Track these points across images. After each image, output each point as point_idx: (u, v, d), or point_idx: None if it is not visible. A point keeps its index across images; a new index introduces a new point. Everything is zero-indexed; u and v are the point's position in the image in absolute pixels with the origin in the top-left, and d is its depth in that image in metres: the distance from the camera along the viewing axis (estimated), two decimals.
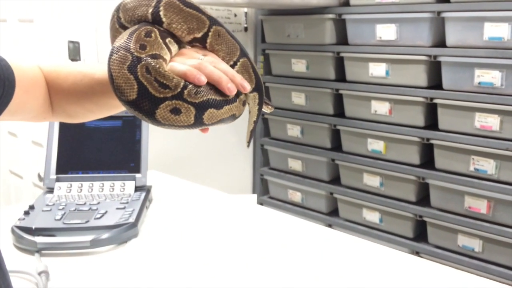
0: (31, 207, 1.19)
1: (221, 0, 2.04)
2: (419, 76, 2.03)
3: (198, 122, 0.61)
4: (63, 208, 1.18)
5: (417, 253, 2.12)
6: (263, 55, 2.58)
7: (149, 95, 0.58)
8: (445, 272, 1.02)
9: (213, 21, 0.67)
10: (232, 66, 0.67)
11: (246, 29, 2.61)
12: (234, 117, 0.66)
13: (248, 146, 0.74)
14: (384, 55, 2.10)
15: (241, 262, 1.04)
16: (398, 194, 2.18)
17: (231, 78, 0.63)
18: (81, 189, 1.29)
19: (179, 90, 0.59)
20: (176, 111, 0.59)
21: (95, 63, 0.76)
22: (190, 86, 0.60)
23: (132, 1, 0.67)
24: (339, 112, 2.35)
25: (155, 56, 0.61)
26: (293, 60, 2.43)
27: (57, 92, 0.75)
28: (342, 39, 2.29)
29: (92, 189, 1.29)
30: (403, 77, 2.08)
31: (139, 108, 0.59)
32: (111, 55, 0.61)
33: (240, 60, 0.68)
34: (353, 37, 2.21)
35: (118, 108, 0.74)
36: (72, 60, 2.05)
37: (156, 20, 0.65)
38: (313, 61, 2.37)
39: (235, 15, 2.55)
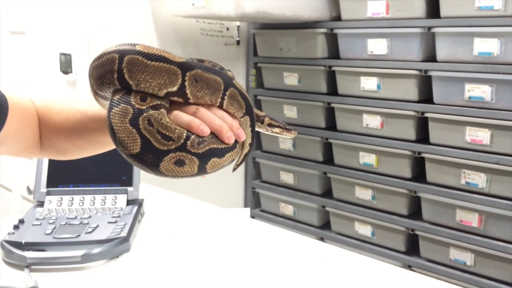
0: (21, 221, 1.17)
1: (213, 14, 2.05)
2: (410, 90, 2.05)
3: (201, 171, 0.60)
4: (53, 222, 1.16)
5: (409, 267, 2.12)
6: (255, 69, 2.59)
7: (153, 148, 0.57)
8: (437, 286, 1.02)
9: (185, 67, 0.61)
10: (221, 103, 0.64)
11: (238, 42, 2.62)
12: (233, 161, 0.65)
13: (234, 171, 0.70)
14: (376, 69, 2.12)
15: (233, 275, 1.03)
16: (390, 207, 2.18)
17: (229, 126, 0.62)
18: (72, 203, 1.27)
19: (182, 141, 0.58)
20: (180, 162, 0.58)
21: (88, 99, 0.74)
22: (193, 136, 0.59)
23: (95, 66, 0.63)
24: (331, 125, 2.35)
25: (156, 107, 0.59)
26: (285, 73, 2.44)
27: (48, 127, 0.73)
28: (334, 53, 2.31)
29: (83, 203, 1.27)
30: (395, 91, 2.10)
31: (143, 161, 0.58)
32: (111, 108, 0.59)
33: (226, 93, 0.64)
34: (345, 51, 2.23)
35: (109, 146, 0.72)
36: (64, 72, 2.04)
37: (124, 86, 0.60)
38: (305, 74, 2.38)
39: (228, 29, 2.56)
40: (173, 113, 0.61)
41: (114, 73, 0.60)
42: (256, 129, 0.69)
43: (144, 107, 0.58)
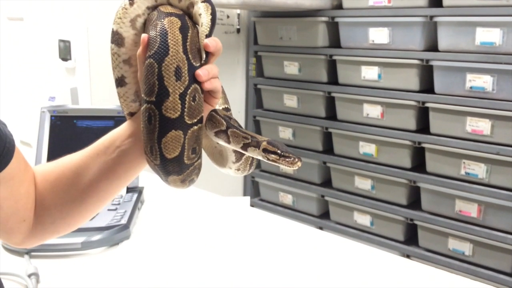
0: None
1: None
2: (411, 79, 2.04)
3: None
4: None
5: (407, 256, 2.13)
6: (255, 57, 2.57)
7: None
8: (435, 275, 1.02)
9: None
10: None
11: (238, 30, 2.61)
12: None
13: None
14: (377, 58, 2.11)
15: (233, 263, 1.03)
16: (389, 197, 2.18)
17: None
18: None
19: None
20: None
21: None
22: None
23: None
24: (331, 115, 2.35)
25: None
26: (285, 62, 2.43)
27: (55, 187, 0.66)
28: (335, 42, 2.29)
29: None
30: (395, 81, 2.09)
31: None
32: None
33: None
34: (346, 40, 2.21)
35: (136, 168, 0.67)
36: (63, 59, 2.03)
37: None
38: (305, 63, 2.37)
39: (228, 17, 2.54)
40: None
41: None
42: (250, 154, 0.63)
43: None
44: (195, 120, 0.59)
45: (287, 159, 0.59)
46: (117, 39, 0.63)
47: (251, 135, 0.62)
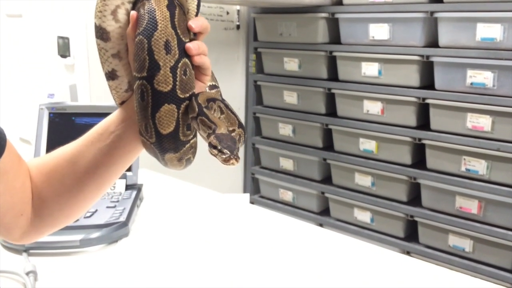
0: None
1: None
2: (412, 76, 2.03)
3: None
4: None
5: (408, 253, 2.12)
6: (255, 54, 2.56)
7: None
8: (435, 272, 1.02)
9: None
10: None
11: (238, 27, 2.60)
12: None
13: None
14: (377, 54, 2.10)
15: (232, 261, 1.03)
16: (390, 194, 2.18)
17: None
18: None
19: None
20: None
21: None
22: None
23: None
24: (331, 111, 2.34)
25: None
26: (285, 58, 2.42)
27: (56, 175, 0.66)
28: (335, 38, 2.28)
29: None
30: (396, 77, 2.08)
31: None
32: None
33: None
34: (346, 36, 2.20)
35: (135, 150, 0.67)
36: (62, 56, 2.02)
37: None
38: (305, 60, 2.36)
39: (228, 13, 2.53)
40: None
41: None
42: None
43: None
44: (187, 95, 0.60)
45: (222, 156, 0.56)
46: (101, 34, 0.62)
47: (214, 126, 0.59)
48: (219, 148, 0.56)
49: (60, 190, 0.67)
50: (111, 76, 0.65)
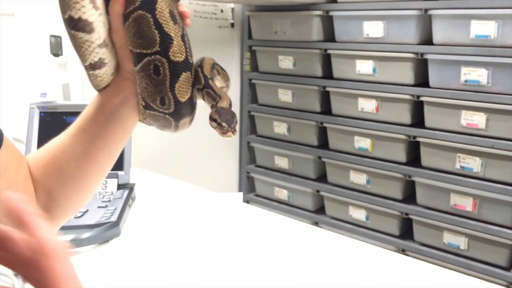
0: None
1: None
2: (406, 73, 2.03)
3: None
4: None
5: (403, 251, 2.12)
6: (249, 52, 2.55)
7: None
8: (431, 271, 1.01)
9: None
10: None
11: (232, 25, 2.59)
12: None
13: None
14: (371, 52, 2.09)
15: (225, 261, 1.02)
16: (385, 191, 2.18)
17: None
18: None
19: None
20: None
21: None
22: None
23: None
24: (326, 109, 2.33)
25: None
26: (280, 56, 2.41)
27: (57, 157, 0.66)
28: (329, 36, 2.28)
29: None
30: (390, 75, 2.07)
31: None
32: None
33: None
34: (340, 34, 2.20)
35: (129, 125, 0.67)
36: (54, 55, 2.00)
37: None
38: (300, 58, 2.35)
39: (222, 11, 2.52)
40: None
41: None
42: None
43: None
44: (194, 59, 0.63)
45: (222, 129, 0.60)
46: (83, 26, 0.58)
47: (219, 98, 0.63)
48: (218, 121, 0.61)
49: (62, 180, 0.66)
50: (97, 66, 0.62)
